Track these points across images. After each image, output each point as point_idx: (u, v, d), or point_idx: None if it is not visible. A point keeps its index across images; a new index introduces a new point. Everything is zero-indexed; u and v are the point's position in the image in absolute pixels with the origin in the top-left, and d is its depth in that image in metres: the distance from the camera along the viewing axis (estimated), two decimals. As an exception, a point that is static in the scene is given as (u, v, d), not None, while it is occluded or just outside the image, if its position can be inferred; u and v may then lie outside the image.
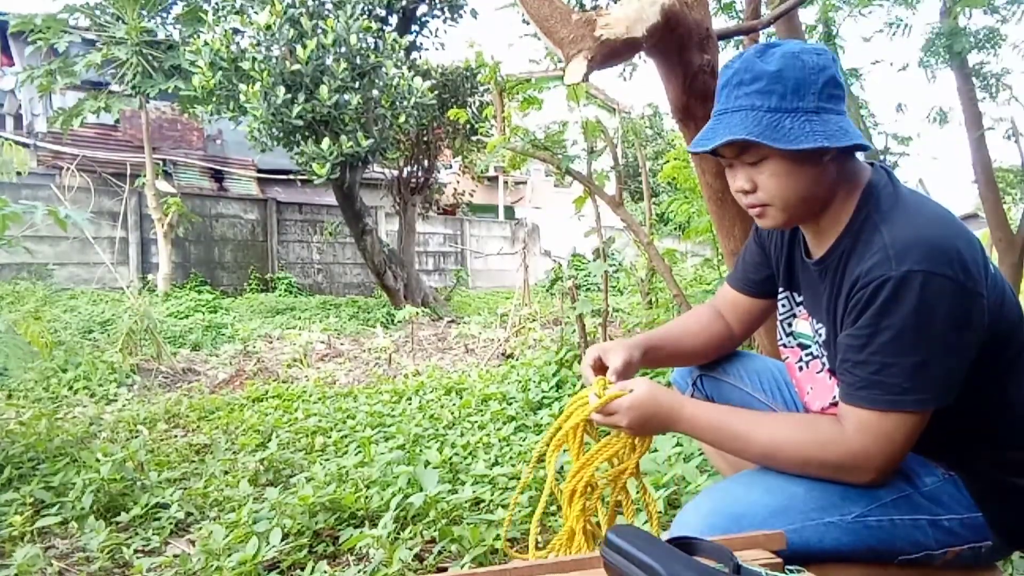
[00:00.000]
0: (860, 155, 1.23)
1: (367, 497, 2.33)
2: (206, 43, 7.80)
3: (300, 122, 7.66)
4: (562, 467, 2.51)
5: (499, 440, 2.95)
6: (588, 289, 12.13)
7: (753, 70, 1.13)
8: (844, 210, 1.18)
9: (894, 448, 1.07)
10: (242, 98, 7.54)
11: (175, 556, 2.06)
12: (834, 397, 1.28)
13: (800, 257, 1.32)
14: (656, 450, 2.48)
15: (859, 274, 1.09)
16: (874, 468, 1.08)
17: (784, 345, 1.41)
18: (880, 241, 1.08)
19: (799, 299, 1.35)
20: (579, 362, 3.54)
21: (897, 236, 1.07)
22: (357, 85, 7.96)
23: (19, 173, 3.49)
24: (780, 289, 1.40)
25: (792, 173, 1.13)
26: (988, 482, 1.13)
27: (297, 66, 7.51)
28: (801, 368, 1.35)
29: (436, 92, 9.16)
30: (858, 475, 1.10)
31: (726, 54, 5.34)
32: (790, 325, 1.38)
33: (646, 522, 1.44)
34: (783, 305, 1.40)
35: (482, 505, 2.29)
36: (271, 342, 7.22)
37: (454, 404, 3.80)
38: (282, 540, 2.05)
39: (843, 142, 1.09)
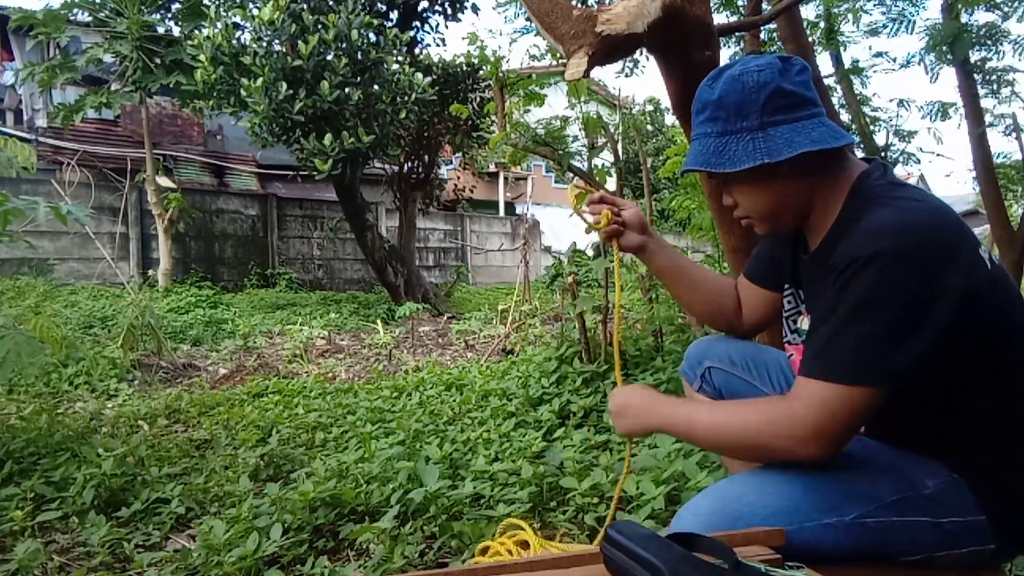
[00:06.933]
0: (859, 151, 1.23)
1: (367, 493, 2.33)
2: (208, 37, 7.80)
3: (301, 118, 7.65)
4: (561, 463, 2.51)
5: (499, 436, 2.95)
6: (588, 285, 12.12)
7: (702, 99, 1.22)
8: (833, 206, 1.19)
9: (836, 422, 1.04)
10: (243, 93, 7.53)
11: (176, 551, 2.06)
12: None
13: (800, 254, 1.33)
14: (656, 446, 2.49)
15: (838, 258, 1.08)
16: (814, 438, 1.05)
17: (789, 342, 1.41)
18: (861, 226, 1.08)
19: (803, 296, 1.36)
20: (579, 359, 3.54)
21: (878, 219, 1.06)
22: (358, 81, 7.95)
23: (25, 169, 3.48)
24: (786, 286, 1.41)
25: (754, 190, 1.22)
26: (995, 485, 1.12)
27: (298, 61, 7.51)
28: None
29: (437, 88, 9.15)
30: (798, 445, 1.06)
31: (727, 51, 5.32)
32: (795, 322, 1.39)
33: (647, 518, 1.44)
34: (788, 302, 1.40)
35: (482, 501, 2.29)
36: (271, 338, 7.22)
37: (454, 400, 3.80)
38: (282, 535, 2.05)
39: (784, 155, 1.12)
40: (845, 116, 5.17)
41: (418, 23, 10.07)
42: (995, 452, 1.13)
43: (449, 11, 10.13)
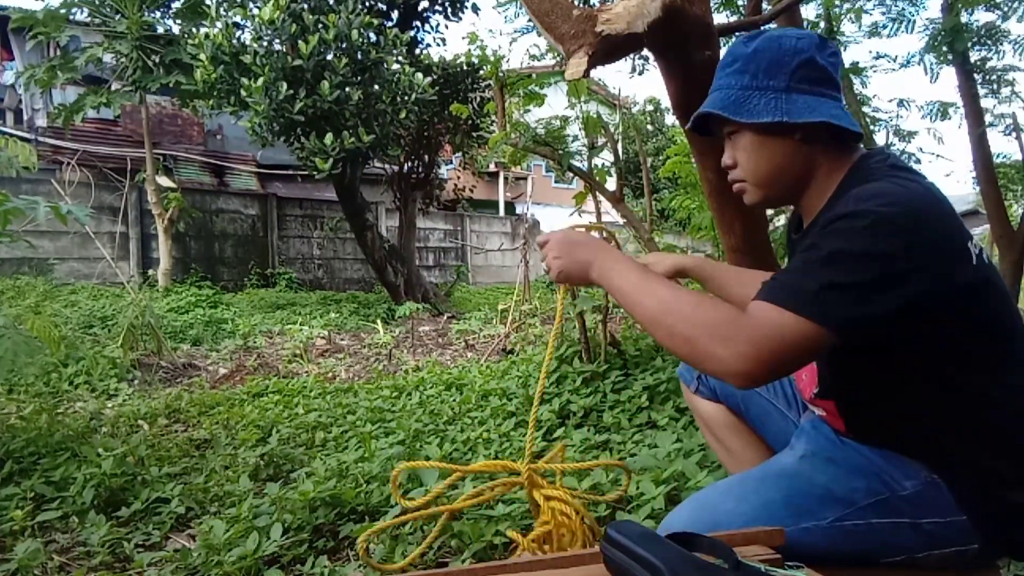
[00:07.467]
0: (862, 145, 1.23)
1: (367, 492, 2.33)
2: (208, 36, 7.80)
3: (301, 117, 7.65)
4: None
5: (499, 436, 2.95)
6: (588, 285, 12.12)
7: (734, 52, 1.23)
8: (827, 188, 1.19)
9: (782, 349, 1.00)
10: (244, 92, 7.54)
11: (176, 551, 2.06)
12: (816, 385, 1.28)
13: (793, 235, 1.33)
14: (656, 446, 2.49)
15: (822, 223, 1.08)
16: (755, 357, 1.01)
17: None
18: (852, 192, 1.08)
19: None
20: (579, 358, 3.54)
21: (870, 188, 1.06)
22: (358, 80, 7.96)
23: (26, 168, 3.48)
24: None
25: (761, 148, 1.20)
26: (973, 489, 1.11)
27: (299, 61, 7.51)
28: None
29: (437, 88, 9.15)
30: (735, 358, 1.01)
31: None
32: None
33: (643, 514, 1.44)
34: None
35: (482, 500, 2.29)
36: (271, 337, 7.22)
37: (454, 400, 3.80)
38: (282, 535, 2.05)
39: (804, 118, 1.14)
40: (845, 116, 5.15)
41: (418, 23, 10.07)
42: (975, 454, 1.11)
43: (449, 11, 10.13)
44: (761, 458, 1.48)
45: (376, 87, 8.17)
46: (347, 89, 7.72)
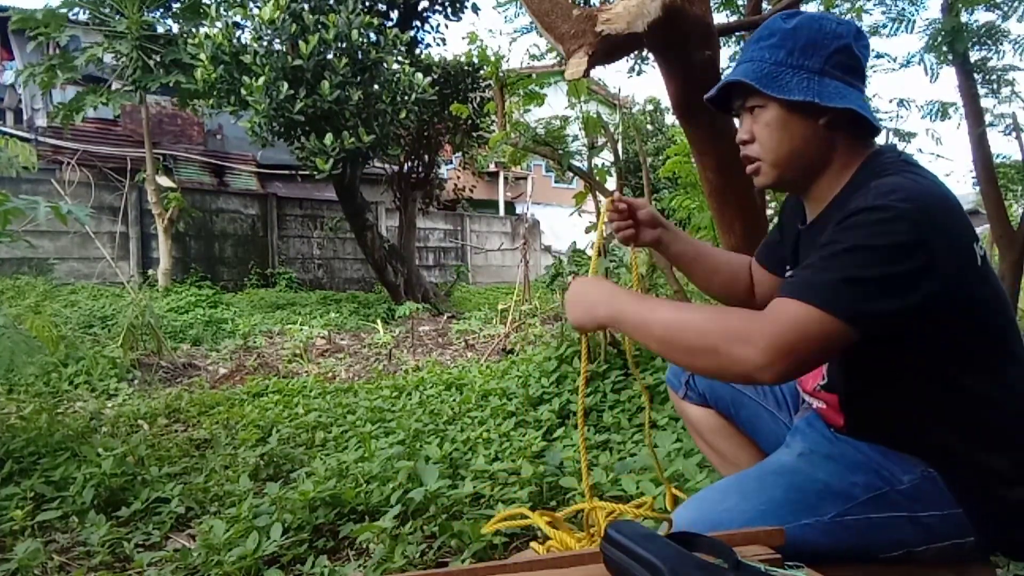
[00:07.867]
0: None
1: (367, 492, 2.33)
2: (208, 36, 7.80)
3: (302, 117, 7.65)
4: (561, 462, 2.51)
5: (499, 435, 2.95)
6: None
7: (772, 27, 1.21)
8: (840, 180, 1.19)
9: (801, 343, 1.00)
10: (244, 92, 7.54)
11: (176, 551, 2.06)
12: (824, 376, 1.28)
13: (798, 226, 1.32)
14: (656, 446, 2.49)
15: (841, 215, 1.07)
16: (774, 351, 1.00)
17: None
18: (870, 187, 1.08)
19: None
20: (579, 358, 3.54)
21: (887, 183, 1.07)
22: (358, 80, 7.96)
23: (26, 168, 3.49)
24: (787, 268, 1.40)
25: (785, 126, 1.18)
26: (973, 488, 1.12)
27: (299, 61, 7.51)
28: None
29: (437, 88, 9.15)
30: (755, 353, 1.00)
31: (727, 51, 5.31)
32: None
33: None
34: None
35: (482, 500, 2.29)
36: (271, 337, 7.22)
37: (454, 399, 3.80)
38: (282, 535, 2.05)
39: (835, 103, 1.13)
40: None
41: (418, 23, 10.07)
42: (972, 451, 1.12)
43: (449, 11, 10.13)
44: (753, 461, 1.48)
45: (376, 87, 8.17)
46: (347, 89, 7.72)
